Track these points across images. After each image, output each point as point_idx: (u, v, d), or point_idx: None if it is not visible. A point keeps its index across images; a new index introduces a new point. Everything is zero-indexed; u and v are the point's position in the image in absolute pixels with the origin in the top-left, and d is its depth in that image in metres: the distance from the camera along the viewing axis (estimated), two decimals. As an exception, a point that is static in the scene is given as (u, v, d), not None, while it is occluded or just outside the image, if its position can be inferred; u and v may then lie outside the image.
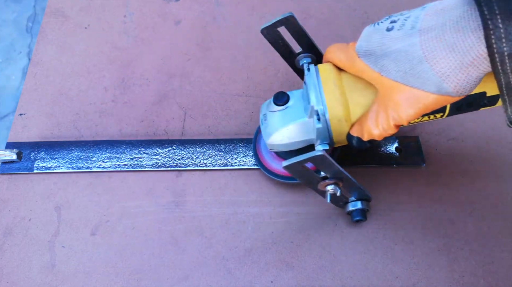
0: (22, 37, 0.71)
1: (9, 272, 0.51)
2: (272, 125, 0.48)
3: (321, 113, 0.44)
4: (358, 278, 0.51)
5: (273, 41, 0.49)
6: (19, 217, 0.55)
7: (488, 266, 0.52)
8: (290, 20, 0.47)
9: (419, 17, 0.37)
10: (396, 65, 0.38)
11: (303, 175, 0.45)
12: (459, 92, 0.36)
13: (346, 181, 0.46)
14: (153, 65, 0.66)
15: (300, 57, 0.51)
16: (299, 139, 0.48)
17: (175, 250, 0.53)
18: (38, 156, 0.58)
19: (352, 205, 0.51)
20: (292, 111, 0.48)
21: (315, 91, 0.44)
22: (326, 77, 0.44)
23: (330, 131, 0.45)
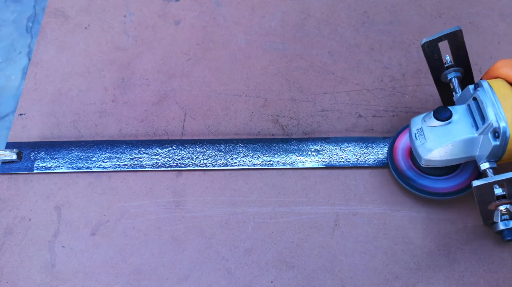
0: (22, 37, 0.71)
1: (9, 272, 0.52)
2: (433, 141, 0.47)
3: (502, 130, 0.43)
4: (358, 278, 0.51)
5: (430, 55, 0.49)
6: (19, 217, 0.55)
7: (488, 266, 0.52)
8: (457, 35, 0.47)
9: None
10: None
11: (485, 194, 0.44)
12: None
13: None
14: (153, 65, 0.66)
15: (449, 71, 0.51)
16: (461, 156, 0.48)
17: (175, 250, 0.53)
18: (38, 156, 0.58)
19: (504, 224, 0.49)
20: (457, 127, 0.47)
21: (494, 108, 0.44)
22: (504, 94, 0.44)
23: (505, 149, 0.44)
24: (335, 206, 0.55)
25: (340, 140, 0.59)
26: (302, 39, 0.68)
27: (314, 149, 0.58)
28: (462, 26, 0.67)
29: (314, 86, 0.64)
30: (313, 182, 0.57)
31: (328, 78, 0.64)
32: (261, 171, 0.58)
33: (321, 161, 0.57)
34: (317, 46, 0.67)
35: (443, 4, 0.70)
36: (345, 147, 0.58)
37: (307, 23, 0.69)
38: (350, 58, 0.62)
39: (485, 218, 0.50)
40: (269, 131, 0.61)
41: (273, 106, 0.63)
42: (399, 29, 0.67)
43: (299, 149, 0.58)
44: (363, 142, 0.58)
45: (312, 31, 0.68)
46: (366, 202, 0.55)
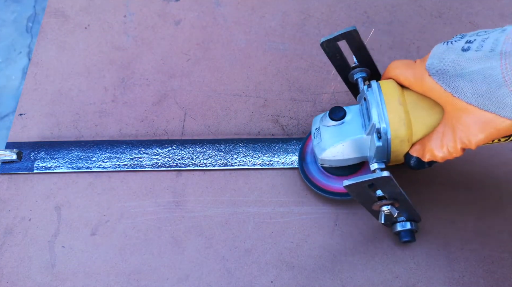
0: (22, 37, 0.71)
1: (9, 272, 0.52)
2: (326, 140, 0.47)
3: (383, 131, 0.43)
4: (358, 278, 0.51)
5: (331, 55, 0.49)
6: (19, 217, 0.55)
7: (488, 266, 0.52)
8: (352, 35, 0.46)
9: (499, 39, 0.36)
10: (472, 87, 0.37)
11: (361, 194, 0.43)
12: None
13: (402, 202, 0.45)
14: (153, 65, 0.66)
15: (355, 71, 0.50)
16: (353, 156, 0.48)
17: (175, 250, 0.53)
18: (38, 156, 0.58)
19: (401, 225, 0.49)
20: (348, 127, 0.47)
21: (378, 108, 0.43)
22: (390, 95, 0.43)
23: (389, 150, 0.44)
24: (335, 206, 0.55)
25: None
26: (302, 39, 0.68)
27: (314, 149, 0.58)
28: (462, 26, 0.67)
29: (314, 86, 0.64)
30: (313, 182, 0.57)
31: (328, 78, 0.64)
32: (261, 171, 0.58)
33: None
34: (317, 46, 0.67)
35: (443, 4, 0.70)
36: (345, 147, 0.58)
37: (307, 23, 0.69)
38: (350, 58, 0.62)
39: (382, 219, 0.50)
40: (269, 131, 0.61)
41: (273, 106, 0.63)
42: (399, 29, 0.67)
43: (299, 149, 0.58)
44: (363, 142, 0.58)
45: (312, 31, 0.68)
46: (366, 202, 0.55)
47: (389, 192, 0.43)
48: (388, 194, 0.44)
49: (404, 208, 0.47)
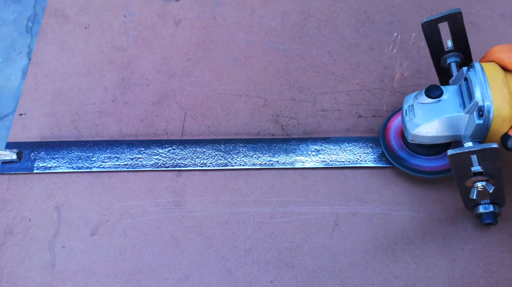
0: (22, 37, 0.71)
1: (9, 272, 0.52)
2: (421, 116, 0.48)
3: (486, 109, 0.44)
4: (358, 278, 0.51)
5: (429, 36, 0.50)
6: (19, 217, 0.55)
7: (488, 266, 0.52)
8: (456, 17, 0.47)
9: None
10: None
11: (460, 167, 0.44)
12: None
13: (496, 181, 0.46)
14: (153, 65, 0.66)
15: (449, 55, 0.51)
16: (447, 134, 0.48)
17: (175, 250, 0.53)
18: (38, 156, 0.58)
19: (484, 207, 0.50)
20: (445, 105, 0.48)
21: (481, 87, 0.44)
22: (494, 76, 0.45)
23: (488, 129, 0.45)
24: (335, 206, 0.55)
25: (340, 140, 0.59)
26: (302, 39, 0.68)
27: (314, 149, 0.58)
28: (462, 26, 0.67)
29: (314, 86, 0.64)
30: (313, 182, 0.57)
31: (328, 78, 0.64)
32: (261, 171, 0.58)
33: (321, 161, 0.57)
34: (317, 46, 0.67)
35: (443, 4, 0.70)
36: (345, 147, 0.58)
37: (307, 23, 0.69)
38: (350, 58, 0.62)
39: (465, 200, 0.50)
40: (269, 131, 0.61)
41: (273, 106, 0.63)
42: (399, 29, 0.67)
43: (299, 149, 0.58)
44: (363, 142, 0.58)
45: (312, 31, 0.68)
46: (366, 202, 0.55)
47: (488, 168, 0.44)
48: (486, 170, 0.44)
49: (496, 187, 0.47)
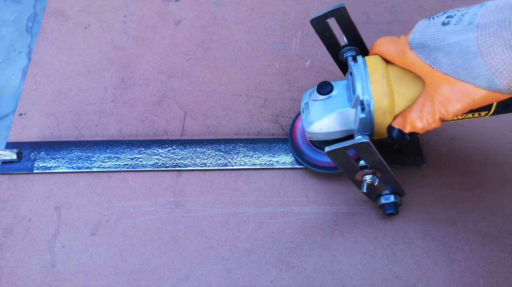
0: (22, 37, 0.71)
1: (9, 272, 0.52)
2: (314, 114, 0.49)
3: (366, 103, 0.44)
4: (358, 278, 0.51)
5: (321, 32, 0.50)
6: (19, 217, 0.55)
7: (488, 266, 0.52)
8: (341, 12, 0.47)
9: (477, 13, 0.37)
10: (449, 58, 0.38)
11: (344, 162, 0.45)
12: (511, 90, 0.37)
13: (383, 173, 0.47)
14: (153, 65, 0.66)
15: (345, 49, 0.51)
16: (339, 129, 0.49)
17: (175, 250, 0.53)
18: (38, 156, 0.58)
19: (385, 198, 0.52)
20: (335, 100, 0.48)
21: (362, 81, 0.45)
22: (374, 69, 0.45)
23: (373, 122, 0.45)
24: (335, 206, 0.55)
25: (340, 140, 0.59)
26: (302, 39, 0.68)
27: (314, 149, 0.58)
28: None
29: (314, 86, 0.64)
30: (313, 182, 0.57)
31: (328, 78, 0.64)
32: (261, 171, 0.58)
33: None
34: (317, 46, 0.67)
35: (443, 4, 0.70)
36: (345, 147, 0.58)
37: (307, 23, 0.69)
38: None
39: (367, 193, 0.52)
40: (269, 131, 0.61)
41: (273, 106, 0.63)
42: (399, 29, 0.67)
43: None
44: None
45: (312, 31, 0.68)
46: (366, 202, 0.55)
47: (370, 161, 0.45)
48: (369, 163, 0.45)
49: (386, 179, 0.48)
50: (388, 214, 0.52)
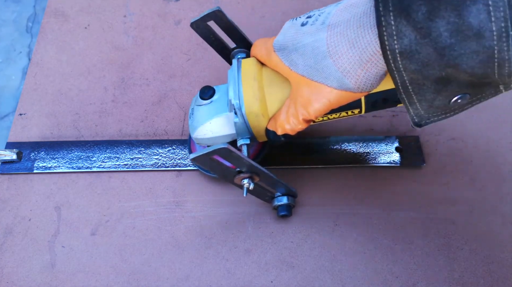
0: (22, 37, 0.71)
1: (9, 272, 0.52)
2: (197, 119, 0.48)
3: (237, 107, 0.43)
4: (358, 278, 0.51)
5: (205, 36, 0.49)
6: (19, 217, 0.55)
7: (488, 266, 0.52)
8: (217, 15, 0.46)
9: (331, 13, 0.37)
10: (303, 59, 0.38)
11: (216, 168, 0.44)
12: (360, 88, 0.36)
13: (263, 176, 0.46)
14: (153, 65, 0.66)
15: (234, 52, 0.50)
16: (223, 134, 0.48)
17: (175, 250, 0.53)
18: (38, 156, 0.58)
19: (278, 200, 0.52)
20: (216, 105, 0.47)
21: (234, 85, 0.44)
22: (247, 71, 0.44)
23: (249, 125, 0.44)
24: (335, 206, 0.55)
25: (340, 139, 0.59)
26: (302, 39, 0.68)
27: (314, 149, 0.58)
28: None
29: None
30: (313, 182, 0.57)
31: (328, 78, 0.64)
32: (261, 171, 0.57)
33: (321, 161, 0.57)
34: (317, 46, 0.67)
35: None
36: (345, 147, 0.58)
37: (307, 23, 0.69)
38: None
39: (258, 196, 0.51)
40: (269, 131, 0.61)
41: (273, 106, 0.62)
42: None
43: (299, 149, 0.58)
44: (363, 141, 0.58)
45: (312, 31, 0.68)
46: (366, 202, 0.55)
47: (240, 165, 0.44)
48: (241, 167, 0.44)
49: (268, 182, 0.48)
50: (281, 216, 0.52)
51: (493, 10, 0.28)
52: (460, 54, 0.30)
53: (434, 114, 0.36)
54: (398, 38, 0.31)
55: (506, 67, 0.30)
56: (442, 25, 0.30)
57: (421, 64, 0.32)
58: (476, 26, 0.29)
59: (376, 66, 0.35)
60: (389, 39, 0.32)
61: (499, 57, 0.29)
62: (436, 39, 0.30)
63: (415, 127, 0.38)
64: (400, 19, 0.31)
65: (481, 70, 0.31)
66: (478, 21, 0.29)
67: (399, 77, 0.34)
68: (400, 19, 0.31)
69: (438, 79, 0.33)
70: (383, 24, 0.32)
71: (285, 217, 0.53)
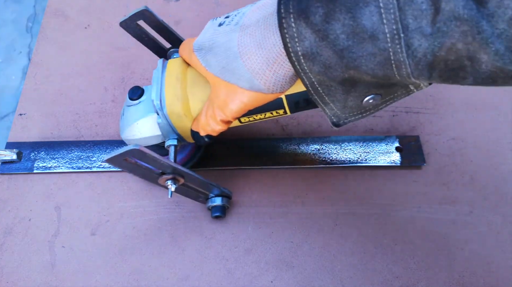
0: (22, 37, 0.71)
1: (9, 272, 0.52)
2: (126, 120, 0.47)
3: (158, 108, 0.43)
4: (358, 278, 0.51)
5: (137, 36, 0.48)
6: (19, 217, 0.55)
7: (488, 266, 0.52)
8: (145, 14, 0.45)
9: (245, 13, 0.37)
10: (217, 60, 0.38)
11: (136, 170, 0.42)
12: (271, 89, 0.36)
13: (187, 177, 0.45)
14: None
15: (170, 52, 0.50)
16: (151, 135, 0.47)
17: (175, 250, 0.53)
18: (38, 156, 0.58)
19: (211, 201, 0.52)
20: (145, 106, 0.46)
21: (157, 85, 0.43)
22: (171, 72, 0.44)
23: (173, 126, 0.44)
24: (335, 206, 0.55)
25: (340, 139, 0.59)
26: (302, 39, 0.67)
27: (314, 149, 0.58)
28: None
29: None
30: (313, 182, 0.57)
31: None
32: (261, 171, 0.58)
33: (321, 161, 0.57)
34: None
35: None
36: (345, 147, 0.58)
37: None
38: None
39: (191, 197, 0.51)
40: (269, 131, 0.61)
41: (273, 106, 0.62)
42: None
43: (299, 148, 0.58)
44: (364, 141, 0.58)
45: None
46: (366, 202, 0.55)
47: (158, 166, 0.42)
48: (161, 169, 0.43)
49: (196, 184, 0.47)
50: (215, 217, 0.52)
51: (384, 13, 0.28)
52: (358, 56, 0.30)
53: (350, 114, 0.36)
54: (299, 41, 0.31)
55: (404, 69, 0.30)
56: (338, 27, 0.30)
57: (324, 66, 0.32)
58: (370, 28, 0.29)
59: (283, 67, 0.34)
60: (291, 41, 0.32)
61: (395, 59, 0.29)
62: (334, 42, 0.30)
63: (334, 127, 0.38)
64: (299, 22, 0.31)
65: (381, 72, 0.31)
66: (371, 23, 0.29)
67: (306, 78, 0.33)
68: (299, 21, 0.31)
69: (344, 81, 0.33)
70: (284, 26, 0.31)
71: (219, 218, 0.53)
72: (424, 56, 0.29)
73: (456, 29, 0.27)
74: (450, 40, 0.28)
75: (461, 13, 0.26)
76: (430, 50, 0.28)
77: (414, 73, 0.30)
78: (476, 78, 0.29)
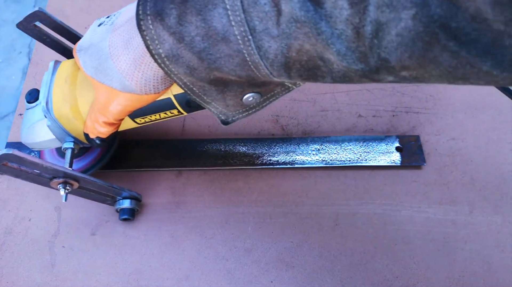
0: (22, 37, 0.71)
1: (9, 272, 0.52)
2: (23, 124, 0.46)
3: (44, 111, 0.42)
4: (358, 278, 0.51)
5: (37, 37, 0.46)
6: (19, 217, 0.55)
7: (488, 266, 0.52)
8: (40, 15, 0.44)
9: (121, 13, 0.36)
10: (91, 61, 0.37)
11: (21, 175, 0.40)
12: (144, 90, 0.35)
13: (83, 181, 0.44)
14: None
15: None
16: (48, 138, 0.45)
17: (175, 250, 0.53)
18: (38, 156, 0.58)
19: (119, 203, 0.52)
20: (40, 109, 0.45)
21: (45, 88, 0.43)
22: (61, 73, 0.43)
23: (64, 129, 0.43)
24: (335, 206, 0.55)
25: (340, 139, 0.59)
26: (302, 39, 0.67)
27: (314, 149, 0.58)
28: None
29: (314, 86, 0.64)
30: (313, 182, 0.57)
31: (328, 78, 0.64)
32: (261, 171, 0.58)
33: (321, 160, 0.57)
34: (317, 46, 0.67)
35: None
36: (345, 146, 0.58)
37: (307, 23, 0.69)
38: None
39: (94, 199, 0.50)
40: (269, 131, 0.61)
41: (273, 106, 0.62)
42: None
43: (299, 148, 0.58)
44: (364, 141, 0.58)
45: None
46: (366, 202, 0.55)
47: (43, 171, 0.40)
48: (46, 173, 0.41)
49: (94, 187, 0.46)
50: (123, 219, 0.52)
51: (231, 15, 0.28)
52: (217, 58, 0.30)
53: (236, 111, 0.36)
54: (160, 43, 0.31)
55: (262, 69, 0.29)
56: (192, 30, 0.29)
57: (188, 68, 0.31)
58: (221, 30, 0.28)
59: (151, 68, 0.34)
60: (152, 43, 0.31)
61: (251, 60, 0.29)
62: (190, 44, 0.30)
63: (223, 125, 0.37)
64: (156, 24, 0.30)
65: (243, 72, 0.30)
66: (222, 25, 0.28)
67: (177, 79, 0.33)
68: (156, 23, 0.30)
69: (214, 82, 0.32)
70: (143, 28, 0.31)
71: (127, 220, 0.53)
72: (275, 57, 0.28)
73: (298, 30, 0.27)
74: (296, 42, 0.27)
75: (298, 14, 0.26)
76: (280, 51, 0.28)
77: (273, 73, 0.30)
78: (334, 77, 0.29)
